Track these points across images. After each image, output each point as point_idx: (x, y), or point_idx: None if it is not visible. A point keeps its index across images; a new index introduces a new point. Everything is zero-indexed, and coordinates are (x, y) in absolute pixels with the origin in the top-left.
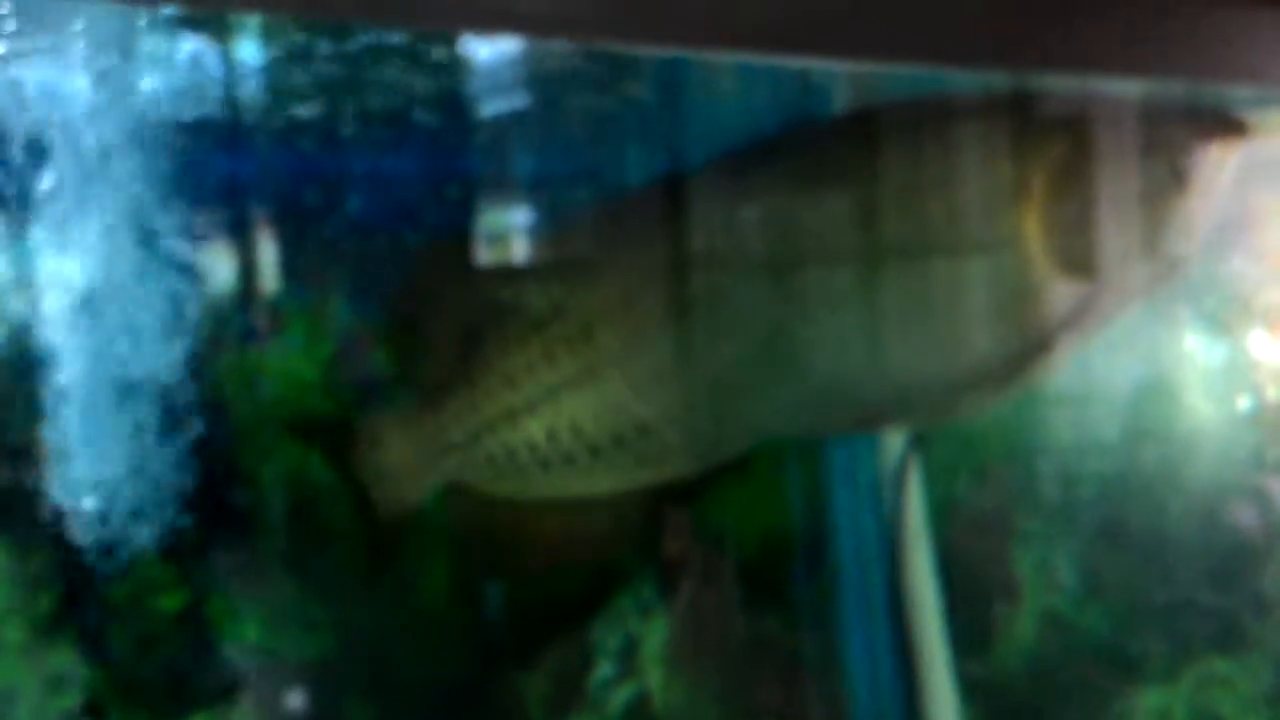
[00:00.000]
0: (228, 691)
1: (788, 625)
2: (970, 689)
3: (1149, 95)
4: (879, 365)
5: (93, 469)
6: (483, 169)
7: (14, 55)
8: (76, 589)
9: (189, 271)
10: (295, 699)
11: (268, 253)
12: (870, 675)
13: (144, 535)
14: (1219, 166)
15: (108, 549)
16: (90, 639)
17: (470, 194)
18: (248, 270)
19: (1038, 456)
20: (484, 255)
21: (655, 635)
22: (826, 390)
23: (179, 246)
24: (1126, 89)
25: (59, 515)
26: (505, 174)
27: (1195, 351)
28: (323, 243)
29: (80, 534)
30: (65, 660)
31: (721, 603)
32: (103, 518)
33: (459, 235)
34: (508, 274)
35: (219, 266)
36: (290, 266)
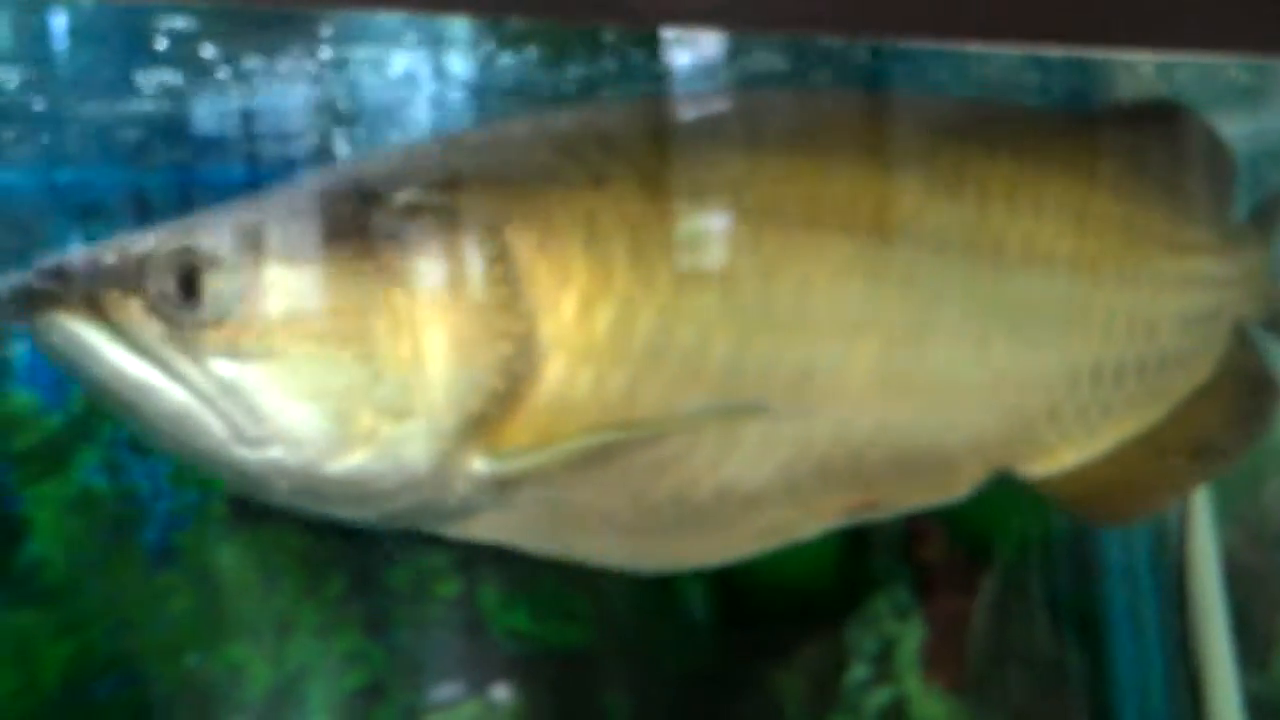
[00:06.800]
0: (497, 676)
1: (1050, 633)
2: (1249, 705)
3: None
4: None
5: None
6: None
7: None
8: (363, 573)
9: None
10: (557, 686)
11: None
12: (1140, 687)
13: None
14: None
15: (391, 535)
16: (375, 622)
17: None
18: None
19: None
20: None
21: (911, 639)
22: None
23: None
24: None
25: None
26: None
27: None
28: None
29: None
30: (353, 641)
31: (979, 608)
32: None
33: None
34: None
35: None
36: None
